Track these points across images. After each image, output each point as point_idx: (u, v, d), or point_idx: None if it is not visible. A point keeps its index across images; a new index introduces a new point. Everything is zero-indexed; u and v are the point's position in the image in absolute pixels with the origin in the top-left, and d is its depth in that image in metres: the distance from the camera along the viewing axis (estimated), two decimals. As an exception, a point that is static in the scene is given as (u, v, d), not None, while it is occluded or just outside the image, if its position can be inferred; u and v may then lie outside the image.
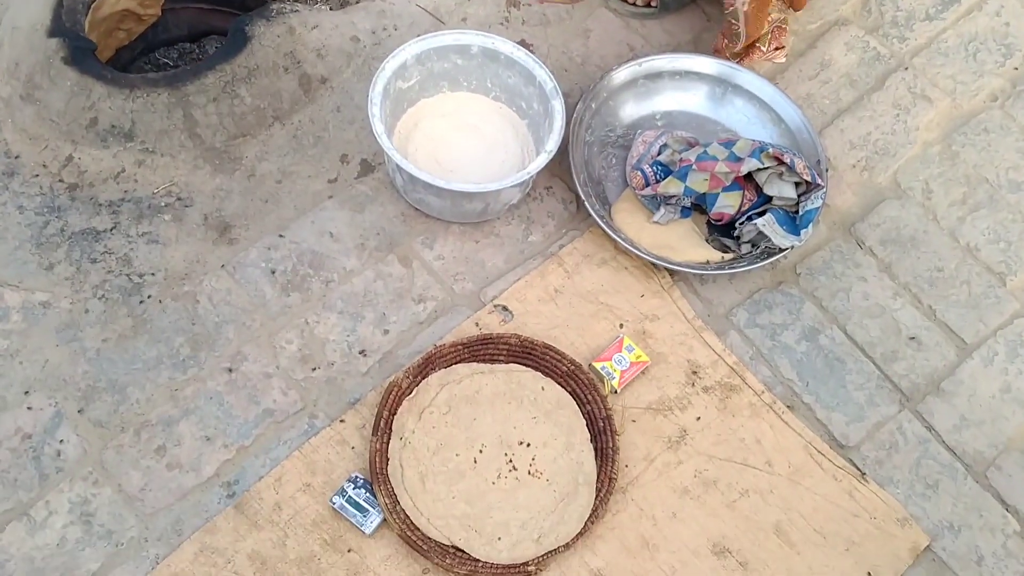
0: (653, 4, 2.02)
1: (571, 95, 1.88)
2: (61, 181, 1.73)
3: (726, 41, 1.86)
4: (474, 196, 1.68)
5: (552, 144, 1.68)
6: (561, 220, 1.80)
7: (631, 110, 1.89)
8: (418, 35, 1.92)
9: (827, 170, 1.79)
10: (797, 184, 1.70)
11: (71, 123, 1.74)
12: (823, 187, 1.70)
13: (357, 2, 2.04)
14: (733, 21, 1.81)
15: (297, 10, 1.88)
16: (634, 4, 2.01)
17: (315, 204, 1.77)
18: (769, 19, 1.85)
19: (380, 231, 1.75)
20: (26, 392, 1.54)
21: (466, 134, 1.83)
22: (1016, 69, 2.00)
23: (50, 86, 1.75)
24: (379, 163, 1.82)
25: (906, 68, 1.99)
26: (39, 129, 1.76)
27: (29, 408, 1.53)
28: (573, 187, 1.77)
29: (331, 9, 2.03)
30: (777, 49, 1.94)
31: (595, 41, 2.00)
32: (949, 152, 1.90)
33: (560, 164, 1.77)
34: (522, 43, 1.97)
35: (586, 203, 1.73)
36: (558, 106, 1.72)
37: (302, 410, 1.58)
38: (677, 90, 1.90)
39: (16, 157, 1.75)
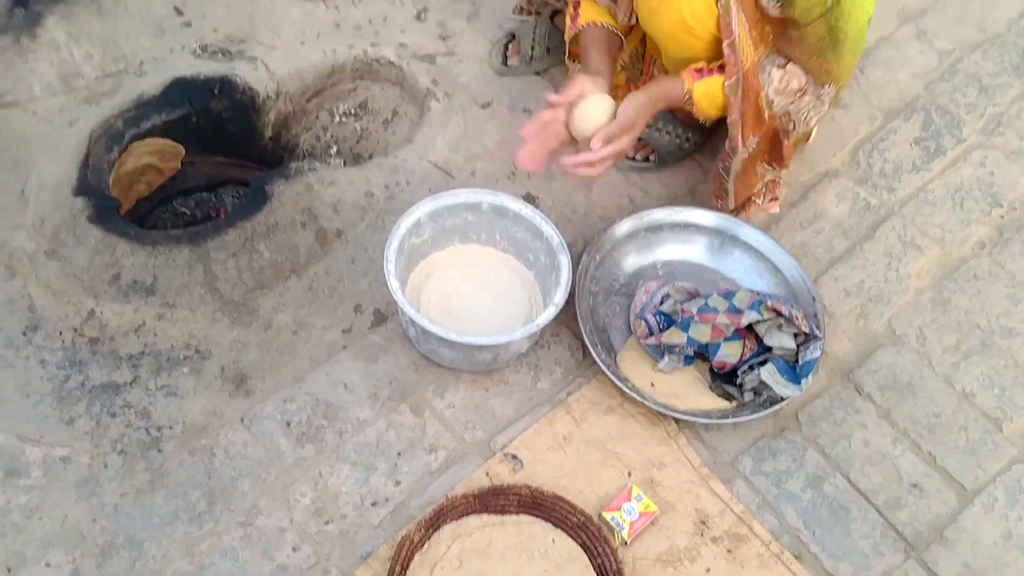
0: (651, 158, 2.12)
1: (575, 245, 1.96)
2: (83, 335, 1.78)
3: (718, 201, 1.95)
4: (485, 347, 1.73)
5: (560, 297, 1.75)
6: (568, 367, 1.85)
7: (633, 260, 1.97)
8: (429, 189, 2.03)
9: (824, 318, 1.85)
10: (796, 335, 1.77)
11: (94, 279, 1.80)
12: (821, 338, 1.76)
13: (371, 158, 2.14)
14: (725, 178, 1.90)
15: (315, 168, 1.97)
16: (633, 159, 2.11)
17: (330, 355, 1.82)
18: (762, 178, 1.94)
19: (393, 380, 1.80)
20: (45, 549, 1.56)
21: (476, 285, 1.90)
22: (1002, 217, 2.09)
23: (75, 243, 1.82)
24: (392, 313, 1.88)
25: (896, 218, 2.08)
26: (62, 284, 1.82)
27: (48, 565, 1.54)
28: (579, 335, 1.83)
29: (346, 165, 2.13)
30: (772, 200, 2.02)
31: (597, 193, 2.09)
32: (941, 299, 1.97)
33: (566, 312, 1.82)
34: (528, 196, 2.06)
35: (592, 351, 1.78)
36: (564, 260, 1.79)
37: (315, 565, 1.59)
38: (677, 241, 1.98)
39: (40, 312, 1.81)
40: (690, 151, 2.13)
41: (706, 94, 1.74)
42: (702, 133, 2.10)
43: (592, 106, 1.71)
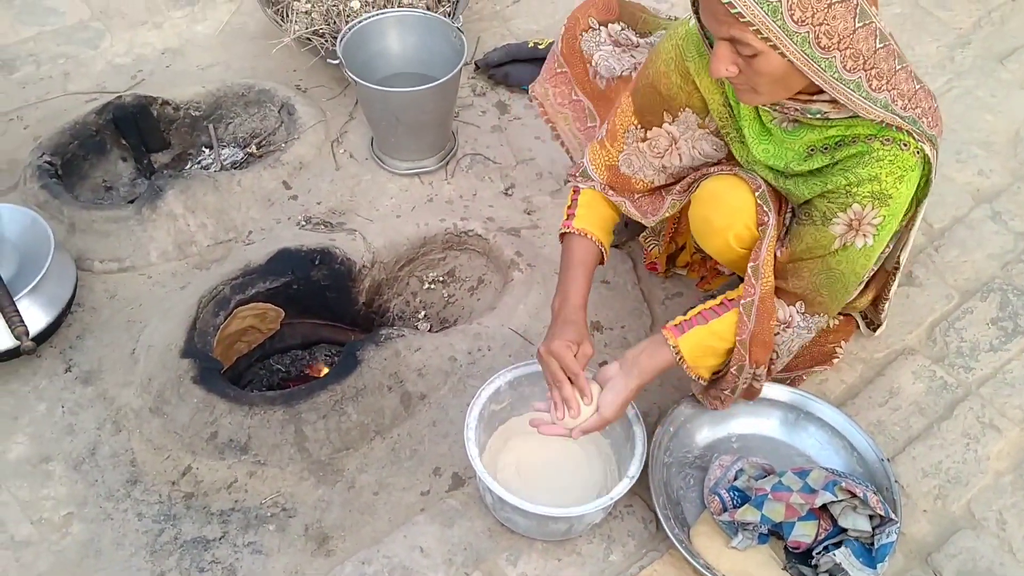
0: None
1: (649, 414, 2.01)
2: (179, 490, 1.88)
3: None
4: (559, 519, 1.77)
5: (634, 469, 1.78)
6: (641, 540, 1.87)
7: (707, 433, 2.00)
8: (509, 355, 2.12)
9: (901, 498, 1.84)
10: (871, 517, 1.76)
11: (193, 436, 1.92)
12: (897, 521, 1.75)
13: (455, 323, 2.25)
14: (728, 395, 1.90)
15: (403, 334, 2.08)
16: None
17: (408, 517, 1.88)
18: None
19: (467, 547, 1.84)
20: None
21: (553, 452, 1.95)
22: (1085, 399, 2.07)
23: (178, 402, 1.95)
24: (469, 477, 1.94)
25: (974, 398, 2.08)
26: (163, 440, 1.94)
27: None
28: (652, 507, 1.85)
29: (432, 330, 2.25)
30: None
31: (673, 364, 2.15)
32: (1021, 482, 1.95)
33: (640, 483, 1.85)
34: (602, 364, 2.12)
35: (665, 525, 1.80)
36: (639, 432, 1.84)
37: None
38: (751, 415, 2.01)
39: (141, 466, 1.92)
40: None
41: (695, 346, 1.74)
42: None
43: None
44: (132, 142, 2.54)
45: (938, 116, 1.63)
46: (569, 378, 1.75)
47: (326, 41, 2.54)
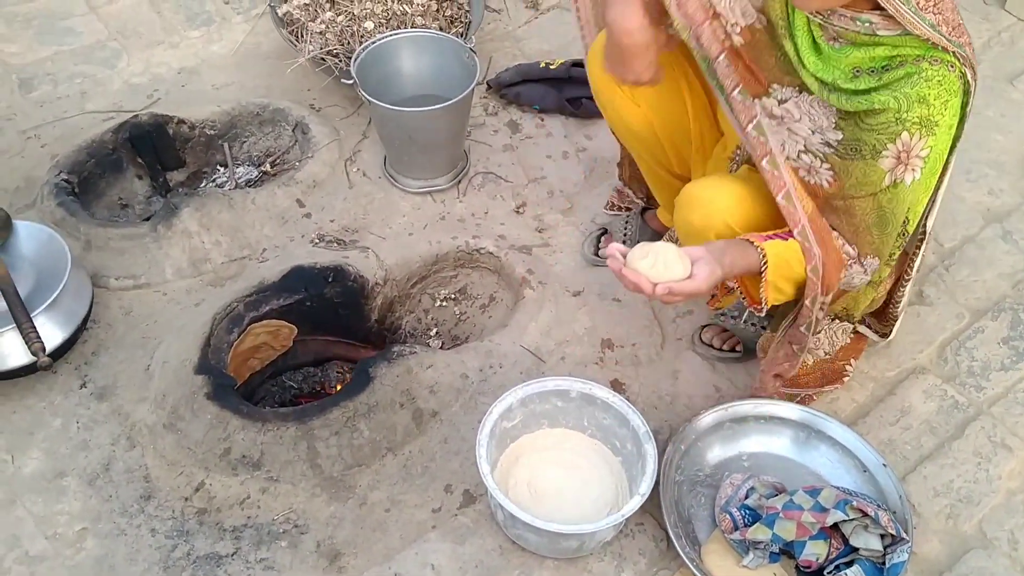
0: (737, 348, 2.18)
1: (660, 432, 2.02)
2: (192, 506, 1.89)
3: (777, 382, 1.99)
4: (570, 535, 1.78)
5: (646, 487, 1.79)
6: (652, 558, 1.87)
7: (718, 451, 2.00)
8: (521, 373, 2.13)
9: (912, 517, 1.84)
10: (883, 536, 1.76)
11: (206, 452, 1.93)
12: (908, 541, 1.75)
13: (467, 340, 2.26)
14: (793, 357, 1.90)
15: (415, 351, 2.10)
16: (720, 349, 2.18)
17: (419, 535, 1.88)
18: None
19: (479, 564, 1.85)
20: None
21: (564, 469, 1.96)
22: (1099, 419, 2.07)
23: (191, 418, 1.96)
24: (480, 494, 1.95)
25: (985, 417, 2.08)
26: (177, 456, 1.95)
27: None
28: (663, 525, 1.85)
29: (443, 348, 2.26)
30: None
31: (683, 382, 2.15)
32: (1034, 503, 1.95)
33: (651, 500, 1.85)
34: (615, 383, 2.14)
35: (676, 543, 1.80)
36: (650, 450, 1.84)
37: None
38: (762, 433, 2.01)
39: (154, 482, 1.93)
40: None
41: (778, 256, 1.66)
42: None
43: (672, 258, 1.61)
44: (148, 160, 2.57)
45: (974, 56, 1.60)
46: None
47: (340, 61, 2.57)
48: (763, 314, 1.77)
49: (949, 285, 2.32)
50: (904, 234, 1.71)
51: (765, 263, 1.66)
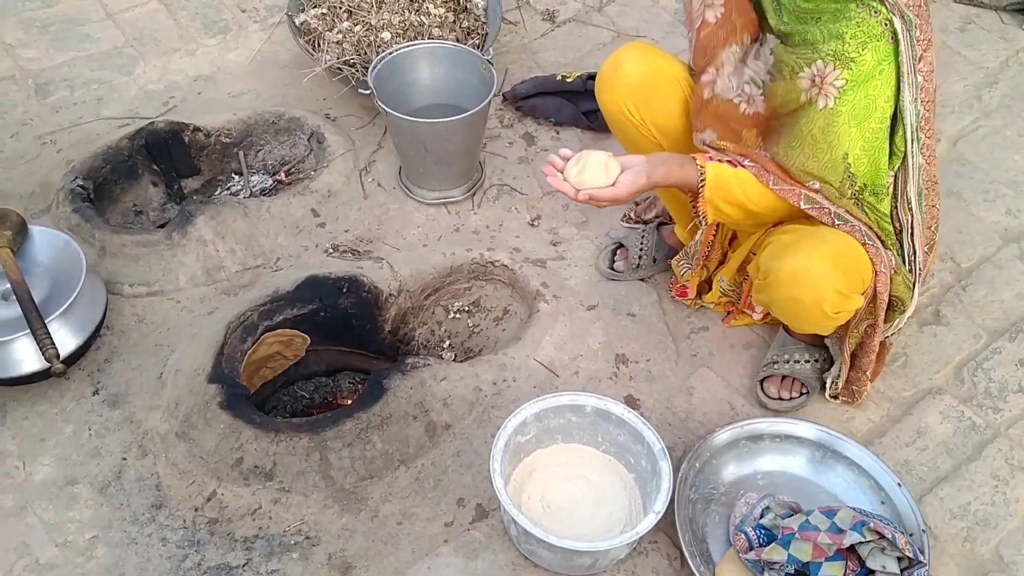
0: (804, 391, 2.12)
1: (675, 449, 2.00)
2: (203, 516, 1.88)
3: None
4: (584, 553, 1.76)
5: (660, 505, 1.77)
6: (666, 576, 1.86)
7: (733, 469, 1.99)
8: (534, 387, 2.12)
9: (928, 540, 1.82)
10: (900, 558, 1.74)
11: (218, 461, 1.92)
12: (925, 564, 1.73)
13: (480, 353, 2.25)
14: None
15: (429, 364, 2.09)
16: (790, 399, 2.11)
17: (431, 548, 1.87)
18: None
19: (491, 580, 1.83)
20: None
21: (578, 484, 1.94)
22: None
23: (204, 427, 1.95)
24: (493, 508, 1.93)
25: (1002, 439, 2.06)
26: (189, 465, 1.94)
27: None
28: (677, 543, 1.84)
29: (457, 360, 2.25)
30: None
31: (698, 399, 2.14)
32: (1052, 527, 1.93)
33: (665, 518, 1.84)
34: (629, 399, 2.12)
35: (690, 562, 1.79)
36: (665, 467, 1.83)
37: None
38: (778, 452, 2.00)
39: (166, 491, 1.92)
40: (824, 370, 2.14)
41: (718, 176, 1.81)
42: (827, 351, 2.13)
43: (595, 165, 1.80)
44: (163, 167, 2.57)
45: (926, 17, 1.73)
46: None
47: (357, 71, 2.57)
48: (705, 224, 1.91)
49: (966, 305, 2.30)
50: (851, 176, 1.79)
51: (703, 180, 1.80)
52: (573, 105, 2.72)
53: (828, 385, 2.10)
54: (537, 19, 3.09)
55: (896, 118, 1.77)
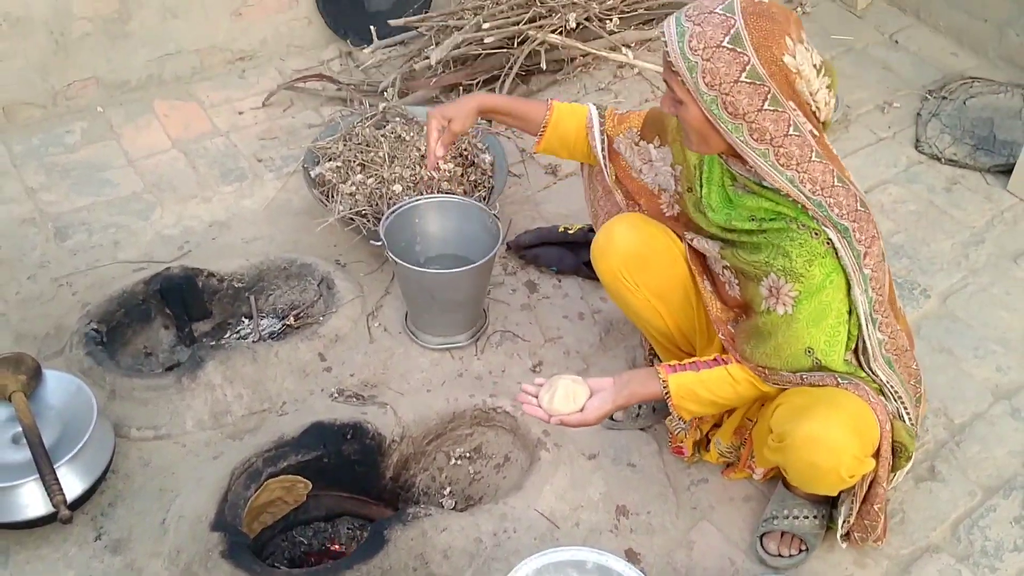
0: (803, 548, 2.12)
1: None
2: (201, 668, 1.87)
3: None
4: None
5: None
6: None
7: (734, 628, 1.98)
8: (535, 538, 2.12)
9: None
10: None
11: (219, 611, 1.92)
12: None
13: (481, 501, 2.27)
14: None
15: (430, 514, 2.10)
16: (789, 556, 2.12)
17: None
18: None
19: None
20: None
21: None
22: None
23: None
24: (491, 665, 1.92)
25: (1001, 599, 2.06)
26: (189, 614, 1.94)
27: None
28: None
29: (456, 507, 2.26)
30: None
31: (698, 553, 2.15)
32: None
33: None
34: (630, 552, 2.13)
35: None
36: (665, 626, 1.83)
37: None
38: None
39: (164, 641, 1.91)
40: (825, 527, 2.15)
41: (682, 386, 1.91)
42: (829, 504, 2.14)
43: (563, 393, 1.94)
44: (176, 311, 2.63)
45: (864, 218, 1.79)
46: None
47: (368, 221, 2.67)
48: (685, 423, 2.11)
49: (960, 461, 2.33)
50: (820, 365, 1.85)
51: (667, 394, 1.92)
52: (574, 255, 2.81)
53: (840, 524, 2.06)
54: (540, 172, 3.23)
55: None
